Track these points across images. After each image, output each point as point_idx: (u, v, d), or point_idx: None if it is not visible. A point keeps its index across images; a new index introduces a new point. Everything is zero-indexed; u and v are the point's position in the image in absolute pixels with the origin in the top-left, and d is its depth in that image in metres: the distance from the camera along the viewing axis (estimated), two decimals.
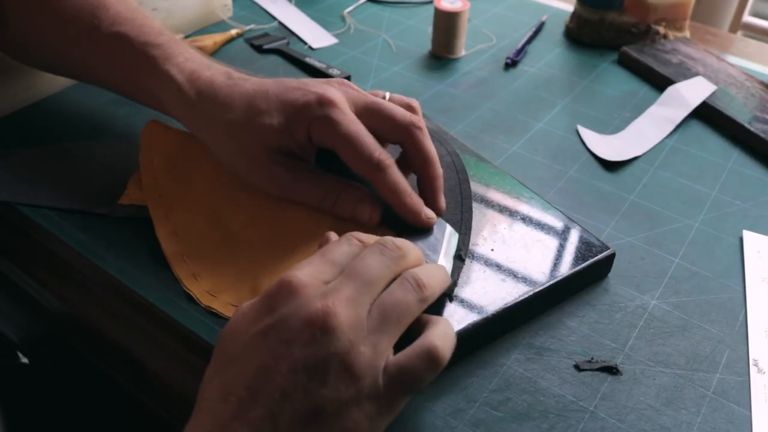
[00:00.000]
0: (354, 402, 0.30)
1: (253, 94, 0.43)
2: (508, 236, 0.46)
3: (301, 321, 0.31)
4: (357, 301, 0.32)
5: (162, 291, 0.43)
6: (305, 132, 0.42)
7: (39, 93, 0.60)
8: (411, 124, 0.42)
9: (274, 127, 0.42)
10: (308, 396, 0.29)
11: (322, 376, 0.30)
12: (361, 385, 0.30)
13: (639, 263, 0.47)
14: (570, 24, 0.77)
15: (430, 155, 0.43)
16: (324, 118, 0.41)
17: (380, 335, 0.32)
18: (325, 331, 0.30)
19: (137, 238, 0.47)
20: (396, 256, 0.35)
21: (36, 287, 0.46)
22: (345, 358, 0.30)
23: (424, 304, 0.34)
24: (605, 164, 0.57)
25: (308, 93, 0.42)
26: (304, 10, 0.78)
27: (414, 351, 0.32)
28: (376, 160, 0.41)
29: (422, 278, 0.34)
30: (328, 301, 0.31)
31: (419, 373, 0.32)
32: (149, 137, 0.50)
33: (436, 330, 0.34)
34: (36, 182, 0.51)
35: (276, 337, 0.31)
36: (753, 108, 0.63)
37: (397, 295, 0.33)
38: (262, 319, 0.32)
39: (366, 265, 0.33)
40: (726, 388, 0.40)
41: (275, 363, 0.30)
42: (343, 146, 0.41)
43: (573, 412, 0.38)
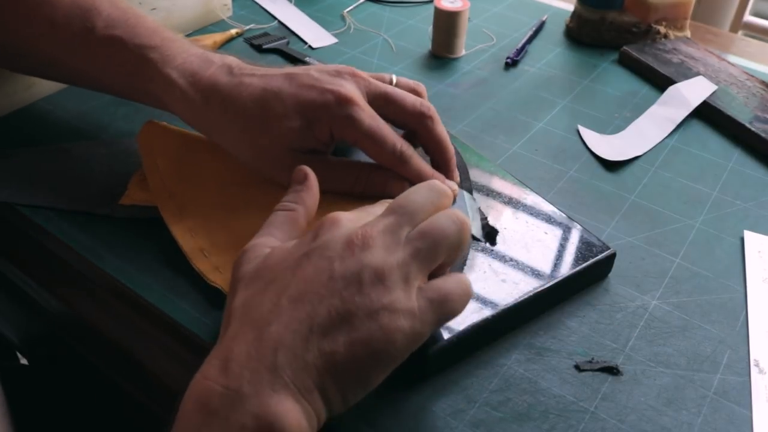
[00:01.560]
0: (385, 311, 0.31)
1: (264, 95, 0.43)
2: (509, 236, 0.46)
3: (342, 242, 0.33)
4: (395, 229, 0.34)
5: (162, 291, 0.43)
6: (328, 131, 0.43)
7: (39, 93, 0.60)
8: (422, 114, 0.44)
9: (295, 130, 0.43)
10: (343, 301, 0.31)
11: (356, 285, 0.32)
12: (393, 297, 0.32)
13: (639, 263, 0.47)
14: (570, 23, 0.77)
15: (443, 141, 0.45)
16: (346, 118, 0.42)
17: (415, 258, 0.33)
18: (363, 247, 0.32)
19: (137, 238, 0.47)
20: (440, 194, 0.36)
21: (36, 287, 0.45)
22: (379, 270, 0.32)
23: (462, 242, 0.35)
24: (606, 164, 0.57)
25: (325, 92, 0.42)
26: (304, 9, 0.78)
27: (448, 278, 0.35)
28: (399, 153, 0.43)
29: (463, 217, 0.35)
30: (368, 227, 0.33)
31: (455, 297, 0.34)
32: (148, 140, 0.50)
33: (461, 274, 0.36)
34: (36, 182, 0.51)
35: (318, 255, 0.33)
36: (754, 108, 0.63)
37: (439, 222, 0.34)
38: (305, 245, 0.34)
39: (410, 199, 0.35)
40: (727, 389, 0.39)
41: (315, 275, 0.32)
42: (366, 142, 0.43)
43: (573, 413, 0.38)
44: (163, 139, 0.50)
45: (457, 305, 0.34)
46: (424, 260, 0.34)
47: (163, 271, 0.44)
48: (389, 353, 0.32)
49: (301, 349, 0.30)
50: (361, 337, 0.31)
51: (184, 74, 0.45)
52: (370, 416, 0.37)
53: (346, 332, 0.31)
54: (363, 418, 0.37)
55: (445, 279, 0.35)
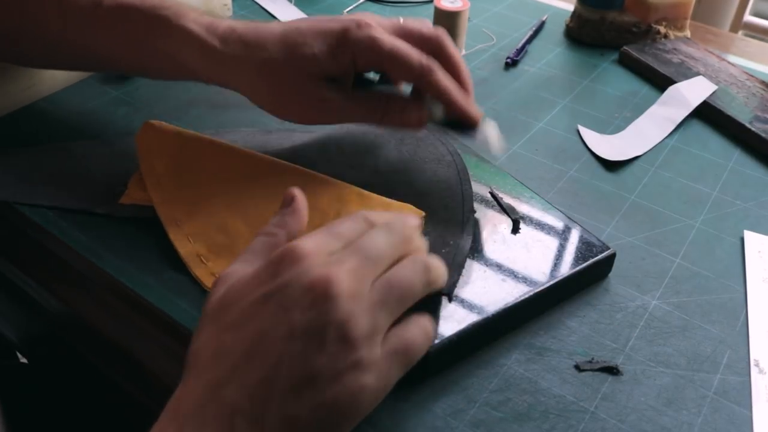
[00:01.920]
0: (350, 371, 0.30)
1: (284, 32, 0.45)
2: (509, 236, 0.46)
3: (302, 287, 0.30)
4: (360, 274, 0.32)
5: (162, 291, 0.43)
6: (350, 55, 0.44)
7: (39, 93, 0.60)
8: (436, 36, 0.45)
9: (316, 56, 0.44)
10: (304, 362, 0.29)
11: (318, 344, 0.29)
12: (357, 355, 0.30)
13: (639, 263, 0.47)
14: (570, 23, 0.77)
15: (458, 60, 0.46)
16: (368, 39, 0.43)
17: (380, 310, 0.31)
18: (326, 298, 0.30)
19: (137, 238, 0.47)
20: (403, 237, 0.35)
21: (36, 287, 0.45)
22: (343, 327, 0.30)
23: (429, 288, 0.34)
24: (606, 164, 0.57)
25: (344, 20, 0.44)
26: (304, 10, 0.78)
27: (409, 323, 0.33)
28: (425, 65, 0.44)
29: (431, 263, 0.34)
30: (330, 269, 0.31)
31: (416, 344, 0.33)
32: (146, 141, 0.50)
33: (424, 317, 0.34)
34: (36, 182, 0.50)
35: (276, 302, 0.30)
36: (754, 108, 0.63)
37: (405, 274, 0.33)
38: (263, 285, 0.31)
39: (373, 242, 0.33)
40: (727, 389, 0.39)
41: (273, 328, 0.30)
42: (391, 61, 0.43)
43: (573, 413, 0.38)
44: (161, 141, 0.50)
45: (419, 352, 0.33)
46: (389, 313, 0.32)
47: (163, 271, 0.44)
48: (355, 411, 0.31)
49: (260, 414, 0.29)
50: (325, 401, 0.29)
51: (200, 24, 0.46)
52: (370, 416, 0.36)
53: (309, 396, 0.29)
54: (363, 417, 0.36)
55: (407, 326, 0.33)
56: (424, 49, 0.45)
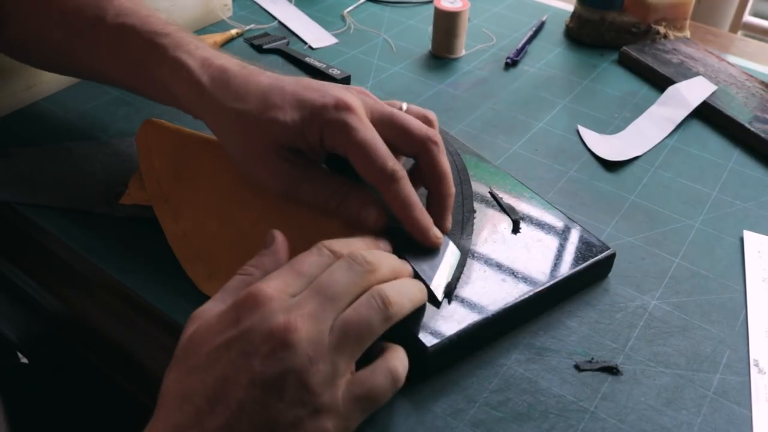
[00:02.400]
0: (310, 417, 0.31)
1: (269, 88, 0.43)
2: (509, 236, 0.46)
3: (263, 334, 0.31)
4: (319, 317, 0.32)
5: (162, 291, 0.43)
6: (318, 134, 0.41)
7: (39, 93, 0.60)
8: (427, 138, 0.41)
9: (287, 124, 0.41)
10: (265, 410, 0.30)
11: (278, 391, 0.30)
12: (318, 402, 0.31)
13: (639, 263, 0.47)
14: (570, 24, 0.77)
15: (444, 172, 0.42)
16: (339, 122, 0.40)
17: (340, 353, 0.32)
18: (285, 346, 0.31)
19: (137, 238, 0.47)
20: (364, 271, 0.35)
21: (36, 287, 0.46)
22: (302, 375, 0.31)
23: (389, 322, 0.34)
24: (605, 164, 0.57)
25: (327, 95, 0.41)
26: (304, 9, 0.78)
27: (376, 370, 0.34)
28: (389, 171, 0.39)
29: (390, 296, 0.34)
30: (290, 316, 0.32)
31: (380, 391, 0.33)
32: (146, 139, 0.50)
33: (394, 353, 0.35)
34: (36, 182, 0.51)
35: (238, 349, 0.31)
36: (753, 108, 0.63)
37: (361, 313, 0.33)
38: (226, 330, 0.32)
39: (333, 280, 0.34)
40: (726, 389, 0.40)
41: (235, 374, 0.30)
42: (356, 153, 0.40)
43: (573, 413, 0.38)
44: (160, 139, 0.50)
45: (383, 399, 0.34)
46: (349, 355, 0.33)
47: (163, 270, 0.44)
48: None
49: None
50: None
51: (195, 57, 0.45)
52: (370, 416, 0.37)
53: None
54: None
55: (374, 372, 0.34)
56: (410, 148, 0.42)
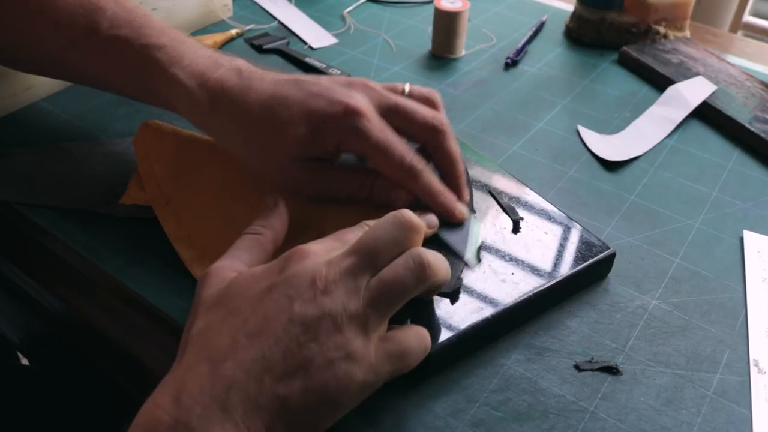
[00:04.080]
0: (341, 361, 0.32)
1: (272, 100, 0.42)
2: (509, 236, 0.46)
3: (306, 280, 0.33)
4: (357, 272, 0.33)
5: (162, 291, 0.43)
6: (332, 143, 0.42)
7: (39, 93, 0.60)
8: (433, 128, 0.43)
9: (299, 138, 0.42)
10: (300, 348, 0.31)
11: (314, 332, 0.31)
12: (350, 347, 0.32)
13: (639, 263, 0.47)
14: (570, 24, 0.77)
15: (453, 157, 0.44)
16: (354, 130, 0.41)
17: (374, 308, 0.33)
18: (325, 292, 0.32)
19: (137, 238, 0.47)
20: (406, 231, 0.35)
21: (36, 287, 0.46)
22: (338, 320, 0.32)
23: (424, 285, 0.34)
24: (605, 164, 0.57)
25: (334, 102, 0.41)
26: (304, 10, 0.78)
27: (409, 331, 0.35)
28: (408, 167, 0.41)
29: (428, 259, 0.34)
30: (332, 267, 0.33)
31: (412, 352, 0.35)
32: (144, 142, 0.49)
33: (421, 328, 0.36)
34: (36, 182, 0.51)
35: (280, 292, 0.33)
36: (753, 108, 0.63)
37: (397, 272, 0.34)
38: (270, 277, 0.34)
39: (374, 237, 0.34)
40: (726, 389, 0.40)
41: (275, 314, 0.32)
42: (374, 156, 0.42)
43: (573, 413, 0.38)
44: (159, 142, 0.50)
45: (413, 360, 0.35)
46: (383, 311, 0.33)
47: (163, 271, 0.44)
48: (341, 402, 0.32)
49: (254, 390, 0.30)
50: (315, 386, 0.31)
51: (192, 75, 0.44)
52: (370, 416, 0.37)
53: (301, 379, 0.31)
54: (363, 417, 0.37)
55: (407, 332, 0.35)
56: (419, 137, 0.43)
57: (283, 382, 0.31)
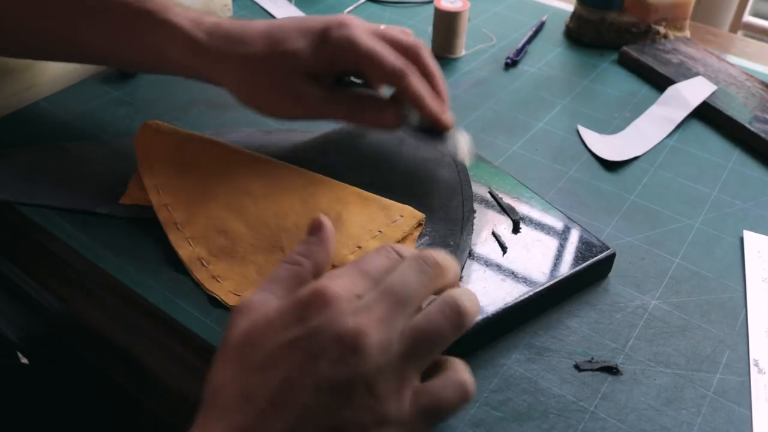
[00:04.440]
0: (376, 426, 0.29)
1: (268, 28, 0.46)
2: (509, 236, 0.46)
3: (332, 337, 0.29)
4: (390, 322, 0.30)
5: (162, 291, 0.43)
6: (328, 53, 0.45)
7: (39, 93, 0.60)
8: (416, 46, 0.46)
9: (297, 52, 0.45)
10: (331, 416, 0.28)
11: (346, 397, 0.29)
12: (385, 411, 0.29)
13: (639, 263, 0.47)
14: (570, 24, 0.77)
15: (435, 71, 0.47)
16: (346, 38, 0.44)
17: (409, 362, 0.30)
18: (355, 351, 0.29)
19: (137, 238, 0.47)
20: (434, 274, 0.33)
21: (36, 287, 0.46)
22: (371, 382, 0.29)
23: (460, 331, 0.32)
24: (605, 164, 0.57)
25: (325, 18, 0.46)
26: (304, 10, 0.78)
27: (447, 381, 0.31)
28: (399, 68, 0.45)
29: (464, 304, 0.32)
30: (360, 319, 0.30)
31: (449, 405, 0.31)
32: (144, 142, 0.50)
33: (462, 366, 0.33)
34: (36, 182, 0.51)
35: (304, 350, 0.29)
36: (753, 108, 0.63)
37: (433, 321, 0.31)
38: (290, 328, 0.30)
39: (403, 282, 0.32)
40: (726, 389, 0.40)
41: (301, 377, 0.29)
42: (366, 62, 0.45)
43: (573, 412, 0.38)
44: (159, 142, 0.50)
45: (450, 412, 0.31)
46: (419, 362, 0.31)
47: (163, 271, 0.44)
48: None
49: None
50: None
51: (186, 18, 0.47)
52: None
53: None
54: None
55: (445, 384, 0.31)
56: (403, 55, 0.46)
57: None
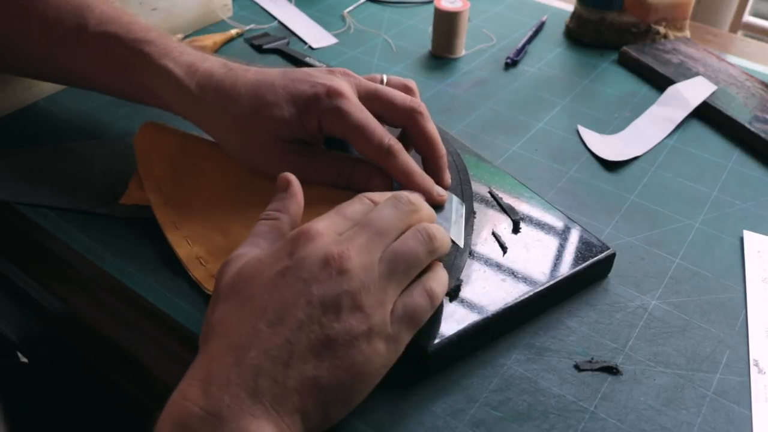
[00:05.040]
0: (364, 337, 0.33)
1: (258, 85, 0.44)
2: (509, 236, 0.46)
3: (319, 262, 0.33)
4: (370, 248, 0.34)
5: (162, 291, 0.43)
6: (316, 123, 0.43)
7: (39, 93, 0.60)
8: (412, 110, 0.44)
9: (285, 119, 0.43)
10: (323, 328, 0.32)
11: (335, 311, 0.32)
12: (370, 323, 0.33)
13: (639, 263, 0.47)
14: (570, 24, 0.77)
15: (432, 137, 0.45)
16: (334, 110, 0.43)
17: (389, 280, 0.34)
18: (340, 272, 0.33)
19: (137, 238, 0.47)
20: (408, 210, 0.37)
21: (36, 287, 0.46)
22: (356, 297, 0.33)
23: (433, 255, 0.37)
24: (605, 164, 0.57)
25: (316, 84, 0.43)
26: (304, 10, 0.78)
27: (414, 290, 0.36)
28: (386, 147, 0.43)
29: (434, 232, 0.37)
30: (343, 246, 0.34)
31: (420, 310, 0.35)
32: (145, 142, 0.50)
33: (432, 275, 0.37)
34: (37, 182, 0.51)
35: (294, 276, 0.33)
36: (753, 108, 0.63)
37: (409, 245, 0.35)
38: (280, 261, 0.34)
39: (380, 217, 0.36)
40: (726, 389, 0.40)
41: (293, 298, 0.32)
42: (354, 135, 0.43)
43: (573, 413, 0.38)
44: (159, 142, 0.50)
45: (424, 317, 0.36)
46: (398, 282, 0.35)
47: (163, 271, 0.44)
48: (369, 374, 0.33)
49: (282, 375, 0.31)
50: (343, 363, 0.32)
51: (181, 65, 0.46)
52: (370, 416, 0.37)
53: (328, 358, 0.32)
54: (363, 418, 0.37)
55: (412, 293, 0.36)
56: (398, 120, 0.45)
57: (309, 363, 0.31)
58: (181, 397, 0.31)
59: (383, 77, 0.47)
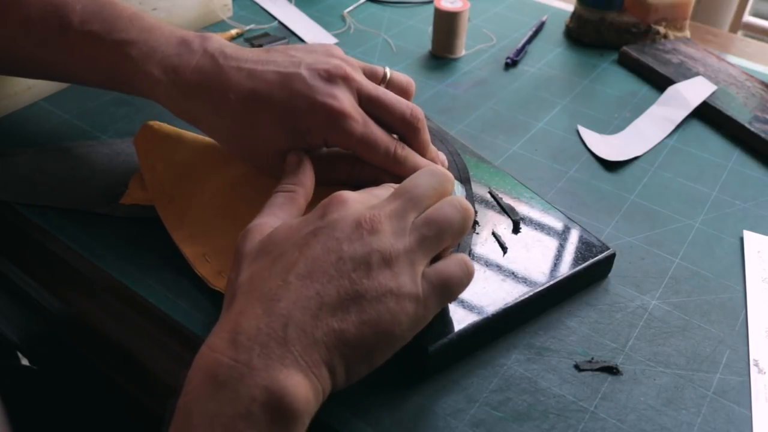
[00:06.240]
0: (392, 295, 0.33)
1: (254, 99, 0.42)
2: (509, 236, 0.46)
3: (351, 223, 0.34)
4: (401, 214, 0.35)
5: (162, 291, 0.43)
6: (321, 141, 0.43)
7: (39, 93, 0.60)
8: (410, 124, 0.44)
9: (286, 138, 0.43)
10: (352, 283, 0.32)
11: (365, 268, 0.33)
12: (399, 282, 0.33)
13: (639, 263, 0.47)
14: (570, 24, 0.77)
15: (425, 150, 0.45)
16: (339, 130, 0.42)
17: (420, 243, 0.35)
18: (372, 232, 0.34)
19: (138, 238, 0.47)
20: (444, 180, 0.38)
21: (36, 287, 0.46)
22: (386, 255, 0.33)
23: (466, 226, 0.37)
24: (605, 164, 0.57)
25: (316, 105, 0.41)
26: (304, 10, 0.78)
27: (450, 260, 0.36)
28: (392, 155, 0.43)
29: (467, 204, 0.37)
30: (375, 210, 0.35)
31: (456, 280, 0.35)
32: (145, 142, 0.50)
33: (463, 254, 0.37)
34: (36, 182, 0.51)
35: (326, 235, 0.34)
36: (753, 108, 0.63)
37: (444, 211, 0.36)
38: (312, 224, 0.35)
39: (415, 184, 0.36)
40: (726, 389, 0.40)
41: (324, 254, 0.33)
42: (361, 149, 0.43)
43: (573, 413, 0.38)
44: (160, 142, 0.50)
45: (458, 288, 0.36)
46: (429, 247, 0.35)
47: (163, 271, 0.44)
48: (395, 335, 0.33)
49: (311, 325, 0.31)
50: (369, 318, 0.32)
51: (166, 71, 0.44)
52: (370, 416, 0.37)
53: (356, 313, 0.32)
54: (363, 418, 0.37)
55: (447, 262, 0.36)
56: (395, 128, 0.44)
57: (337, 316, 0.32)
58: (209, 349, 0.31)
59: (387, 72, 0.46)
